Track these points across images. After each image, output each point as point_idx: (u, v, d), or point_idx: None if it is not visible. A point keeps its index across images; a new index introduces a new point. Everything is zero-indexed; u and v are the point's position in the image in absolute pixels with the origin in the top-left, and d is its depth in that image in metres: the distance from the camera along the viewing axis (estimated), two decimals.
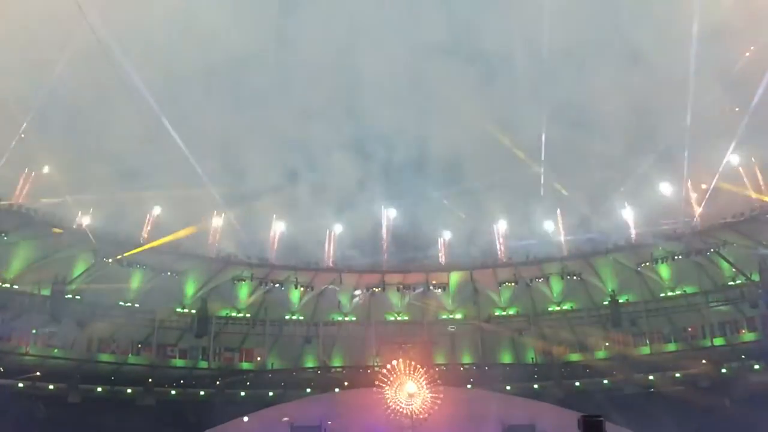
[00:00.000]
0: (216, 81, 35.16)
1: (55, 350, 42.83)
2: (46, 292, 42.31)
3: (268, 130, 35.76)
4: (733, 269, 44.38)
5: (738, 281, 44.56)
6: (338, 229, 46.70)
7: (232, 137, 36.47)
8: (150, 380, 45.42)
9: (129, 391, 44.57)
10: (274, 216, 42.34)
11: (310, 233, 42.73)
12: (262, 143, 36.55)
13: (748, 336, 43.52)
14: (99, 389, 43.90)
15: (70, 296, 43.24)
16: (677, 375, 44.96)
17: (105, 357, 44.92)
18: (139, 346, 46.31)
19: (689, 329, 46.08)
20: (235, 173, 38.46)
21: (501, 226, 49.13)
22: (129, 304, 46.12)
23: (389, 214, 45.84)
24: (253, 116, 35.31)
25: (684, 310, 46.67)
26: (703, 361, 44.49)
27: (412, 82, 34.49)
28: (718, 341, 44.57)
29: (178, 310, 48.26)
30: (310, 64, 34.72)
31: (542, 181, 38.74)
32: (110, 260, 42.95)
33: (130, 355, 45.95)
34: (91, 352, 44.29)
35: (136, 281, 46.17)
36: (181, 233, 42.65)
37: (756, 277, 42.50)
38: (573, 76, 33.55)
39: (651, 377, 45.55)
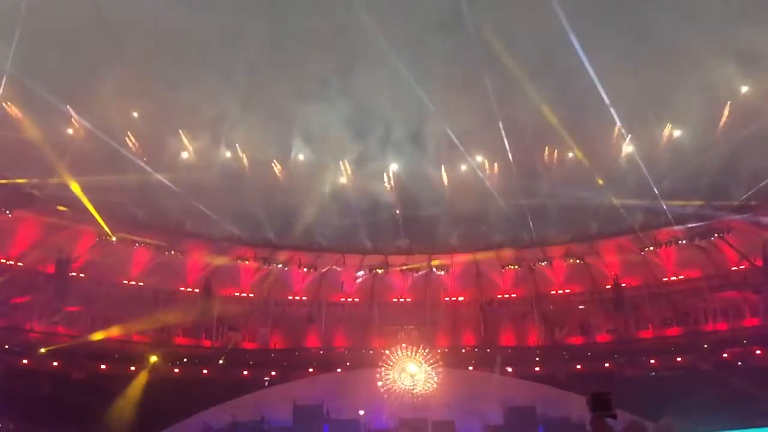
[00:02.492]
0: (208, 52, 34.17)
1: (60, 327, 43.27)
2: (50, 269, 42.60)
3: (262, 104, 34.99)
4: (737, 254, 44.41)
5: (741, 267, 44.61)
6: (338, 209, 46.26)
7: (224, 111, 35.74)
8: (153, 358, 45.71)
9: (132, 368, 44.82)
10: (275, 196, 42.11)
11: (313, 213, 42.59)
12: (256, 117, 35.82)
13: (750, 321, 43.77)
14: (103, 366, 44.12)
15: (74, 274, 43.51)
16: (678, 359, 45.08)
17: (109, 334, 45.40)
18: (143, 324, 46.71)
19: (691, 314, 46.34)
20: (232, 150, 37.75)
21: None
22: (133, 282, 46.47)
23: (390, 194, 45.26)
24: (247, 90, 34.47)
25: (687, 294, 46.77)
26: (705, 346, 44.61)
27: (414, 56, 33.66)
28: (720, 326, 44.78)
29: (182, 289, 48.59)
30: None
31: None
32: (114, 238, 43.01)
33: (133, 333, 46.42)
34: (95, 330, 44.64)
35: (140, 260, 46.43)
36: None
37: (760, 263, 42.56)
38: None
39: (652, 361, 45.64)
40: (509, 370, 46.49)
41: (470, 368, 46.11)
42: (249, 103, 34.92)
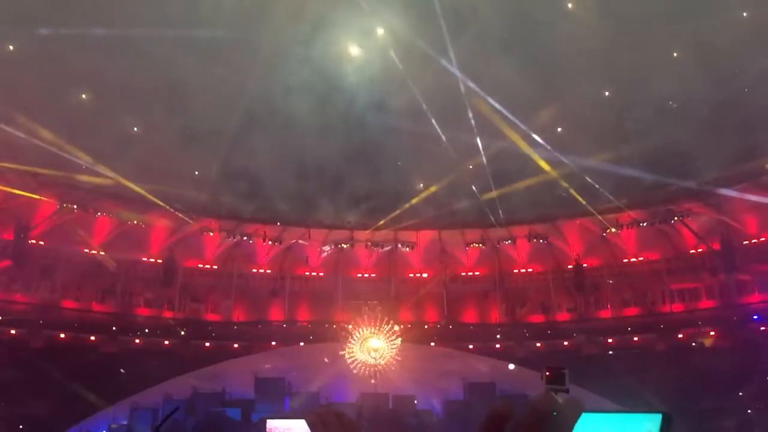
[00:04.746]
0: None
1: (18, 295, 42.55)
2: (8, 235, 41.72)
3: (223, 71, 33.98)
4: (696, 238, 45.41)
5: (699, 250, 45.65)
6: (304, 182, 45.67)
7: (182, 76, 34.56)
8: (114, 328, 45.30)
9: (92, 338, 44.37)
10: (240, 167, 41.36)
11: (279, 186, 42.11)
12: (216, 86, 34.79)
13: (706, 303, 44.96)
14: (62, 335, 43.59)
15: (33, 241, 42.72)
16: (635, 338, 46.12)
17: (68, 303, 44.83)
18: (104, 294, 46.25)
19: (649, 295, 47.39)
20: (194, 120, 36.46)
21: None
22: (94, 251, 45.77)
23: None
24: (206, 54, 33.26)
25: (646, 276, 47.78)
26: (661, 326, 45.71)
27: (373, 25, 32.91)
28: (677, 307, 45.91)
29: (144, 259, 48.07)
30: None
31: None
32: (75, 206, 42.27)
33: (94, 302, 45.91)
34: (55, 298, 44.05)
35: (101, 228, 45.72)
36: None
37: (717, 246, 43.59)
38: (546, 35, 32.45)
39: (610, 340, 46.62)
40: (470, 346, 47.09)
41: (432, 344, 46.57)
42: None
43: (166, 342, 46.24)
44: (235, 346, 46.87)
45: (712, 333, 44.02)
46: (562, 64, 32.73)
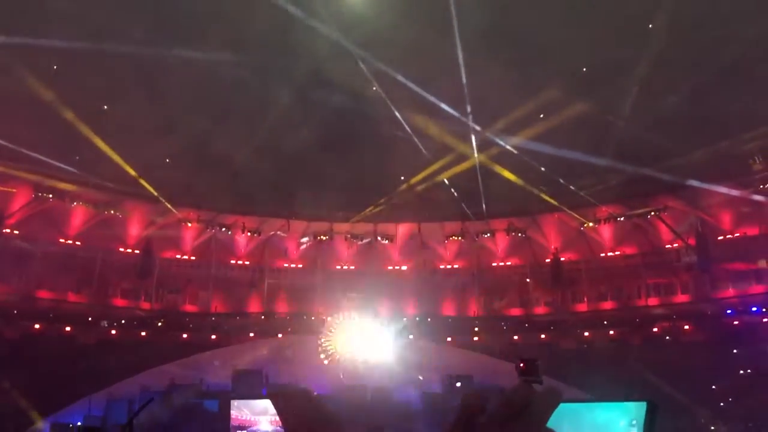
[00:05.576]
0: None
1: None
2: None
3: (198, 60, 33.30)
4: (672, 233, 45.90)
5: (675, 245, 46.16)
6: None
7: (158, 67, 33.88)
8: (90, 319, 44.87)
9: (68, 328, 43.90)
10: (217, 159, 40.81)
11: (257, 179, 41.78)
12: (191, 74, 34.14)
13: (680, 297, 45.54)
14: (37, 326, 43.09)
15: (8, 230, 42.16)
16: (611, 332, 46.58)
17: (44, 294, 44.32)
18: (80, 284, 45.78)
19: (625, 289, 47.89)
20: (170, 109, 35.73)
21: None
22: (70, 241, 45.30)
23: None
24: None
25: (622, 270, 48.22)
26: (637, 320, 46.23)
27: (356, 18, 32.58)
28: (652, 302, 46.44)
29: (122, 249, 47.61)
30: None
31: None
32: (50, 195, 41.74)
33: (70, 292, 45.43)
34: (30, 288, 43.51)
35: (78, 218, 45.23)
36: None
37: (692, 242, 44.11)
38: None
39: (586, 333, 47.04)
40: (449, 339, 47.27)
41: (411, 336, 46.67)
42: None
43: (143, 333, 45.91)
44: (213, 337, 46.62)
45: (687, 327, 44.56)
46: (540, 57, 32.68)
